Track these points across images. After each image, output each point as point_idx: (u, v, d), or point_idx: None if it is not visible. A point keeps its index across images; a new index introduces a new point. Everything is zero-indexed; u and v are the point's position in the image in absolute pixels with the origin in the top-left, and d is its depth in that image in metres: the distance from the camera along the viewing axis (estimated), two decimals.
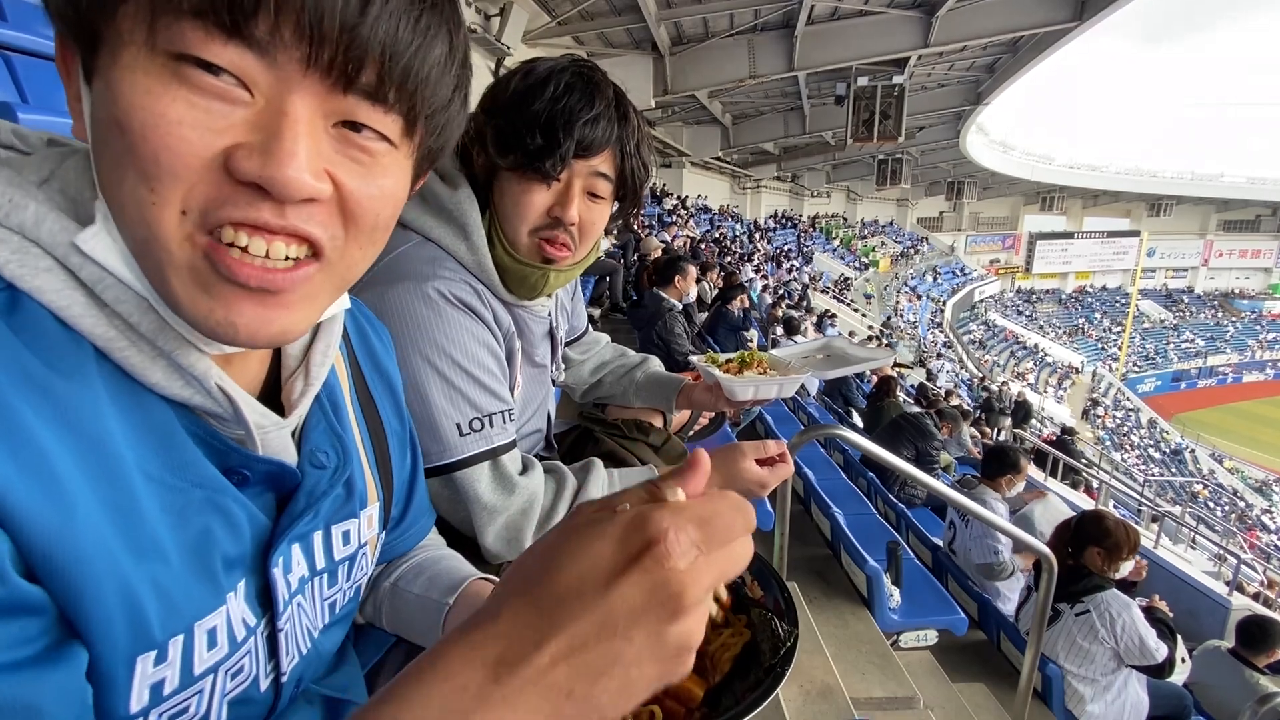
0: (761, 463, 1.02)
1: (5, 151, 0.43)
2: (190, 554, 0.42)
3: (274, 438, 0.47)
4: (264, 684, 0.50)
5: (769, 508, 2.55)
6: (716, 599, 0.41)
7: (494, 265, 0.95)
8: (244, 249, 0.36)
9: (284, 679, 0.52)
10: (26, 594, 0.33)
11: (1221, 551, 5.87)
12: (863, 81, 12.67)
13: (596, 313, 6.53)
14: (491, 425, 0.91)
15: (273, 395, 0.51)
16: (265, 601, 0.48)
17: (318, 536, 0.52)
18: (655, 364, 1.43)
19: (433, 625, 0.67)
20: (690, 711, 0.43)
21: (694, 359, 1.28)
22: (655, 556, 0.29)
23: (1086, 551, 2.61)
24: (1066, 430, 12.19)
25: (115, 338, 0.38)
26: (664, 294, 4.41)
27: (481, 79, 0.72)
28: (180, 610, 0.41)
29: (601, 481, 0.98)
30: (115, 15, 0.34)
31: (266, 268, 0.37)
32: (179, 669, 0.41)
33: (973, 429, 8.77)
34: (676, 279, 4.48)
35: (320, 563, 0.54)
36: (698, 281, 6.29)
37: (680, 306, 4.45)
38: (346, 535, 0.56)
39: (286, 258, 0.38)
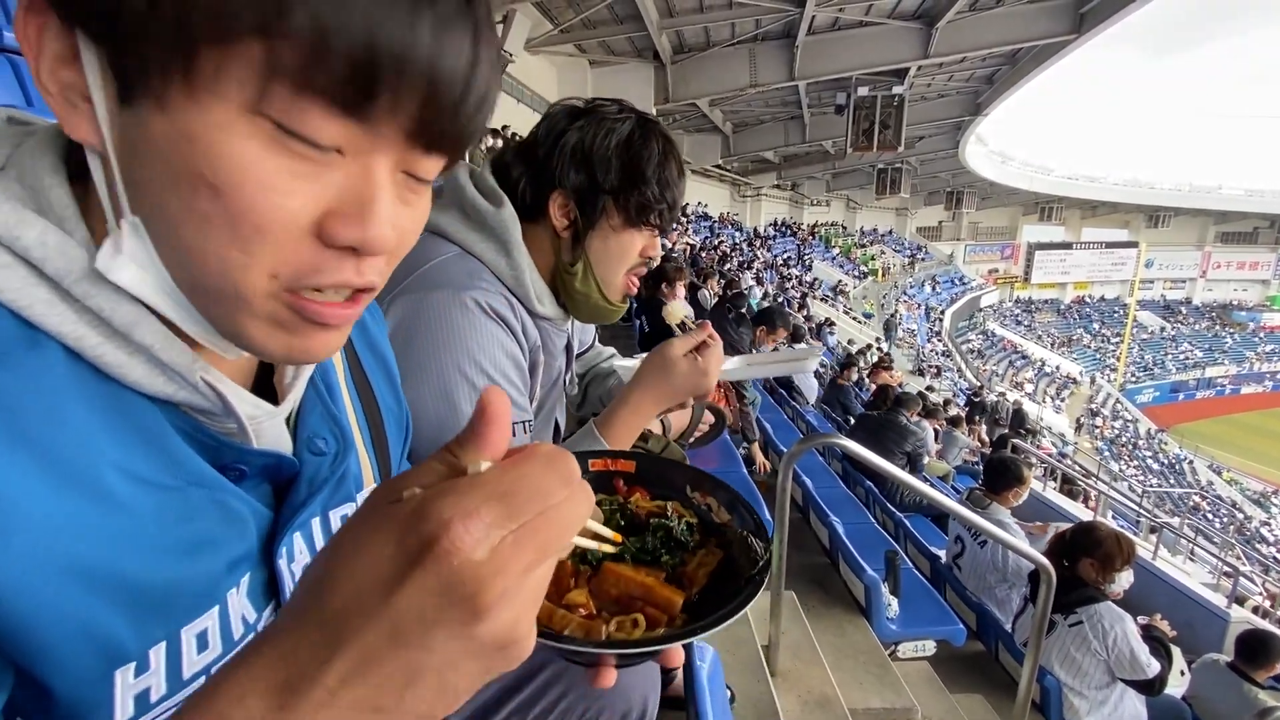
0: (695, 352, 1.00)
1: None
2: (186, 557, 0.40)
3: (267, 427, 0.46)
4: None
5: (768, 515, 2.55)
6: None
7: (572, 300, 1.01)
8: (323, 295, 0.38)
9: None
10: None
11: (1222, 565, 5.85)
12: (863, 91, 12.77)
13: None
14: (513, 435, 0.92)
15: (264, 380, 0.49)
16: (268, 595, 0.47)
17: (315, 523, 0.51)
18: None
19: None
20: (671, 619, 0.46)
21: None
22: (437, 555, 0.26)
23: (1080, 563, 2.60)
24: (1017, 416, 11.67)
25: (86, 334, 0.36)
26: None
27: None
28: (162, 618, 0.39)
29: None
30: (214, 60, 0.31)
31: (344, 307, 0.39)
32: (164, 676, 0.40)
33: (968, 434, 8.75)
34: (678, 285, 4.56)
35: None
36: (698, 290, 6.32)
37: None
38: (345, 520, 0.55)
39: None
